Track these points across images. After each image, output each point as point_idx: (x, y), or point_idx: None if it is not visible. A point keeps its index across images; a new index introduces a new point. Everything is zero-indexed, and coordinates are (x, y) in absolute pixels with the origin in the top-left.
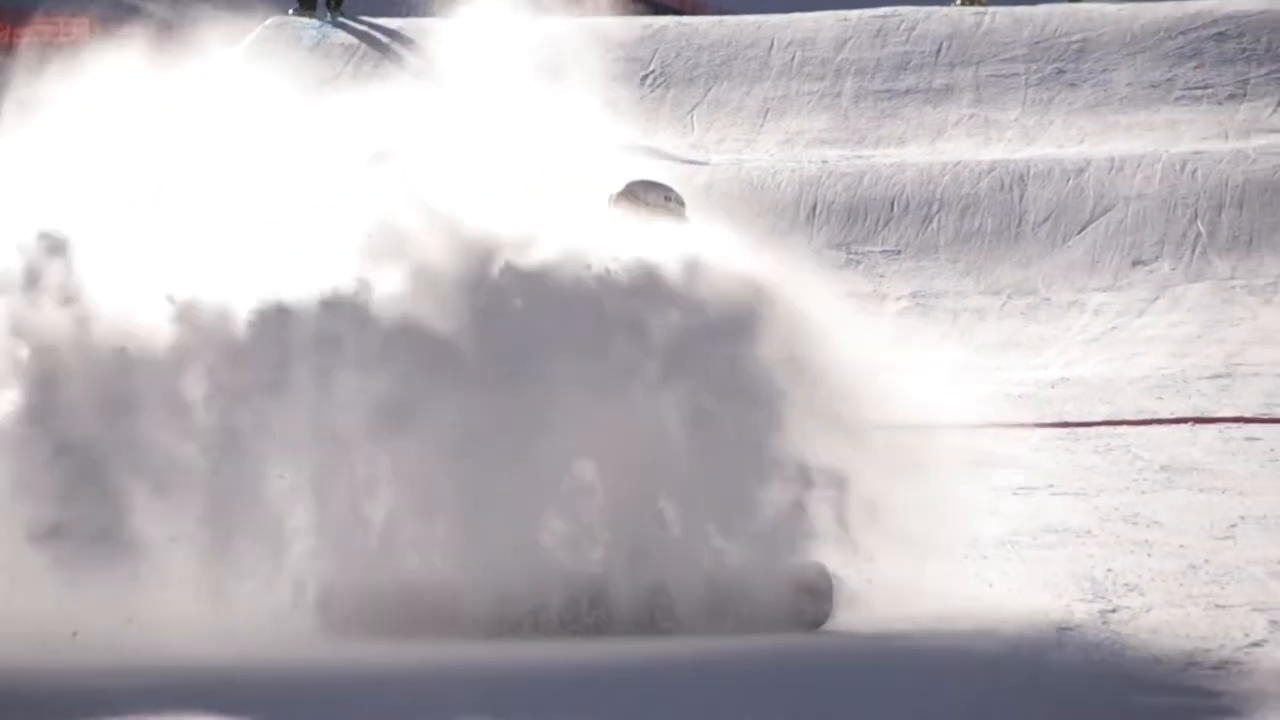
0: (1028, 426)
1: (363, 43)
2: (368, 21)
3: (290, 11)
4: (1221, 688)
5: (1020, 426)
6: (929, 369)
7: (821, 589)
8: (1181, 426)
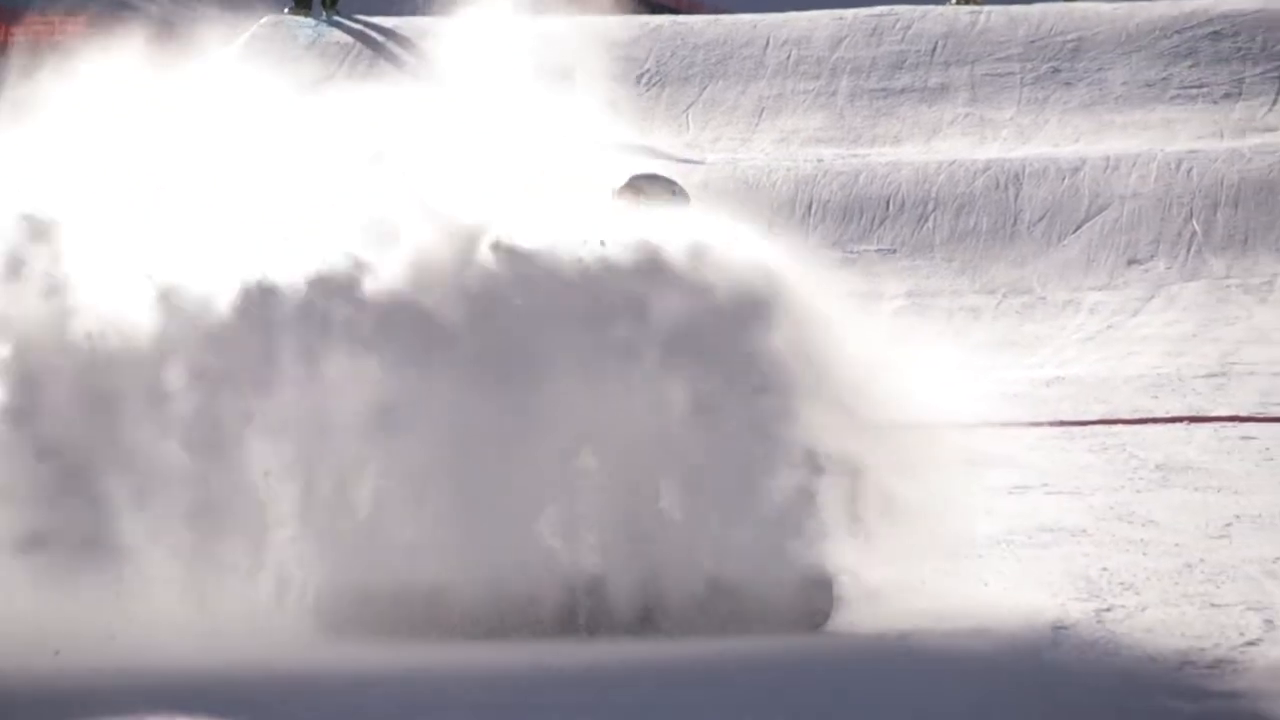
0: (1023, 425)
1: (358, 41)
2: (363, 20)
3: (286, 10)
4: (1217, 687)
5: (1015, 425)
6: (924, 368)
7: (823, 588)
8: (1177, 425)
